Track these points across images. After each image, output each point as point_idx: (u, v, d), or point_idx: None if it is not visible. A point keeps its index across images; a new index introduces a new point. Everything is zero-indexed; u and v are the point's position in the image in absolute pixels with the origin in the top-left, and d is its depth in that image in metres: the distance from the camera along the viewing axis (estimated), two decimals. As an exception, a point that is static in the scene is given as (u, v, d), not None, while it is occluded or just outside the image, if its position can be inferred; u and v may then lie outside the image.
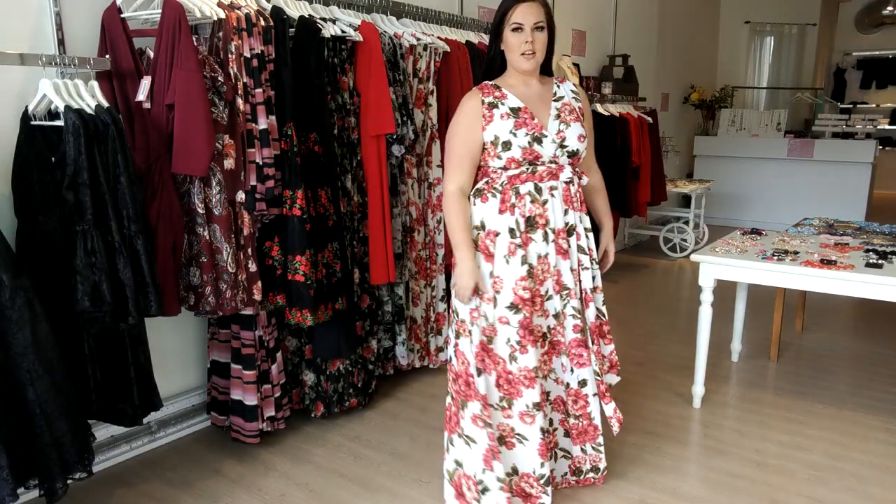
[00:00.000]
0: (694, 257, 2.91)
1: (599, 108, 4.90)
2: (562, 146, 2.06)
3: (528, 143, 2.02)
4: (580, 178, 2.16)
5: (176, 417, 2.77)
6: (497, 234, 2.06)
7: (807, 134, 7.50)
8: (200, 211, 2.23)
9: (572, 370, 2.18)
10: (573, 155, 2.09)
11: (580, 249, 2.15)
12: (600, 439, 2.29)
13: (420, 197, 3.18)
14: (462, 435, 2.09)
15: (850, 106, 9.89)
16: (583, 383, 2.19)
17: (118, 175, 1.95)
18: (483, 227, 2.08)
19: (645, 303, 4.74)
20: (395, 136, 2.92)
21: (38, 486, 1.92)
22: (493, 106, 2.05)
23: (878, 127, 7.61)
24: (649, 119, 5.36)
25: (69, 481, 1.97)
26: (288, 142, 2.45)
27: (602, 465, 2.33)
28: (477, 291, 2.04)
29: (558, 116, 2.08)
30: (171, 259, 2.18)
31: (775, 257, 2.79)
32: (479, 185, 2.12)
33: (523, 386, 2.07)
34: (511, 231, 2.06)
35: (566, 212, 2.11)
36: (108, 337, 2.10)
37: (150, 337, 2.23)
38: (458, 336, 2.10)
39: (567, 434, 2.29)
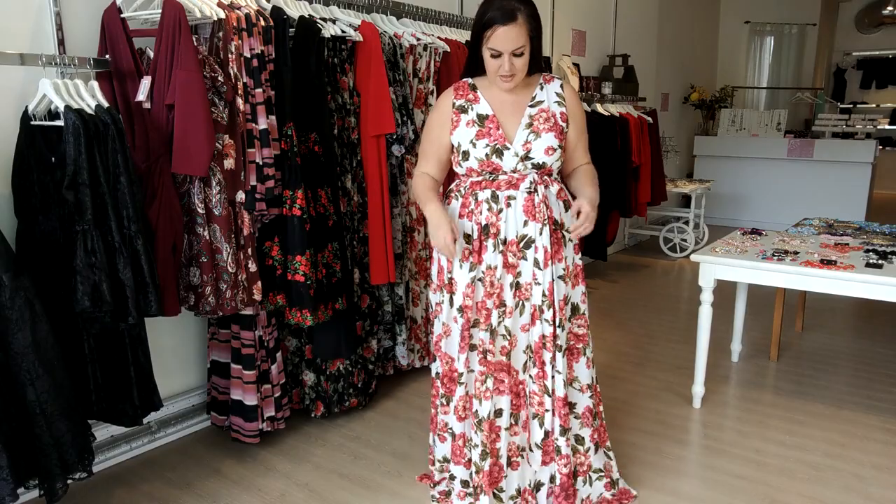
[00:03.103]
0: (694, 257, 2.91)
1: (599, 108, 4.90)
2: (526, 158, 1.98)
3: (487, 155, 1.98)
4: (547, 188, 2.03)
5: (176, 417, 2.77)
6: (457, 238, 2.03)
7: (807, 134, 7.49)
8: (200, 211, 2.23)
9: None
10: (539, 167, 2.00)
11: (535, 263, 2.01)
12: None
13: (420, 197, 3.18)
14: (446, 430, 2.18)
15: (850, 106, 9.88)
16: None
17: (118, 175, 1.95)
18: None
19: (645, 303, 4.74)
20: (395, 136, 2.92)
21: (38, 486, 1.92)
22: (462, 110, 2.03)
23: (878, 127, 7.60)
24: (649, 119, 5.36)
25: (69, 481, 1.97)
26: (288, 142, 2.45)
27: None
28: (454, 238, 1.93)
29: (530, 125, 1.99)
30: (171, 259, 2.18)
31: (775, 257, 2.79)
32: (451, 186, 2.15)
33: (455, 386, 2.11)
34: (466, 237, 2.03)
35: (525, 223, 2.00)
36: (108, 337, 2.10)
37: (150, 337, 2.23)
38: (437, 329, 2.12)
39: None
